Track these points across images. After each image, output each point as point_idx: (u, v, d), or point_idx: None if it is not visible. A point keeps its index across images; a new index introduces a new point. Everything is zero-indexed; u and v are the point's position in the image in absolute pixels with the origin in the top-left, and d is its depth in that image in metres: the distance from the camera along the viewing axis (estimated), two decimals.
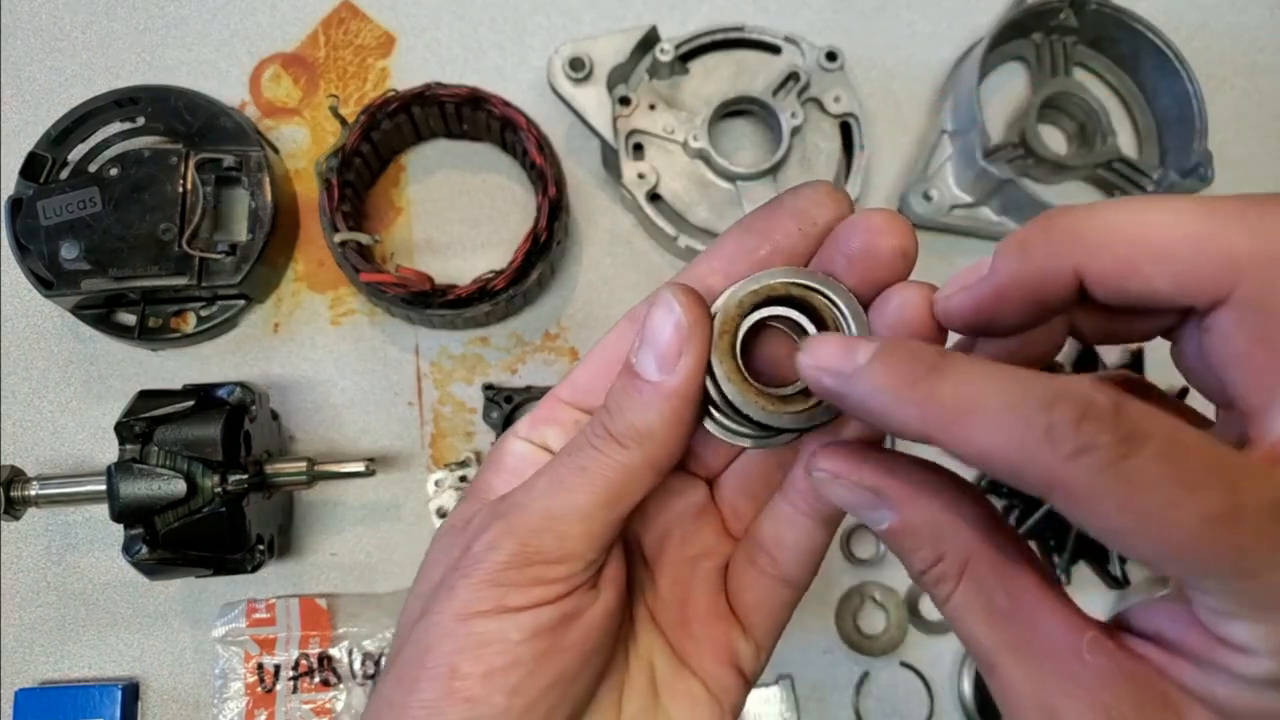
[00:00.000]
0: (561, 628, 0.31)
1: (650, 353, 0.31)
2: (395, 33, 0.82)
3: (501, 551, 0.31)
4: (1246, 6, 0.84)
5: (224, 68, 0.80)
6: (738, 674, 0.36)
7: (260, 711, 0.69)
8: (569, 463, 0.32)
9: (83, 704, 0.68)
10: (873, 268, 0.31)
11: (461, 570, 0.31)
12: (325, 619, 0.70)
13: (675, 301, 0.31)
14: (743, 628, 0.36)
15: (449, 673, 0.30)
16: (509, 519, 0.31)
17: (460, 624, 0.30)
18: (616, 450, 0.31)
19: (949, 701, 0.73)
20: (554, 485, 0.32)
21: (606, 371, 0.35)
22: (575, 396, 0.36)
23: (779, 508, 0.36)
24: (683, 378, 0.31)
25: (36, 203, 0.70)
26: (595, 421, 0.32)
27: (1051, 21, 0.79)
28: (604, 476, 0.31)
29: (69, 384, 0.75)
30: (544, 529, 0.31)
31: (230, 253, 0.71)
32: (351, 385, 0.75)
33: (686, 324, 0.30)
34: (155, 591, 0.72)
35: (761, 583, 0.36)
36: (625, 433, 0.31)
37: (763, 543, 0.36)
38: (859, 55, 0.81)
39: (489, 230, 0.78)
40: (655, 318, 0.31)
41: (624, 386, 0.32)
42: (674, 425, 0.31)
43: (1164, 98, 0.78)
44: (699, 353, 0.31)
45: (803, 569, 0.36)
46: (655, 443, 0.31)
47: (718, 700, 0.35)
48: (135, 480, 0.61)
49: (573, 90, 0.74)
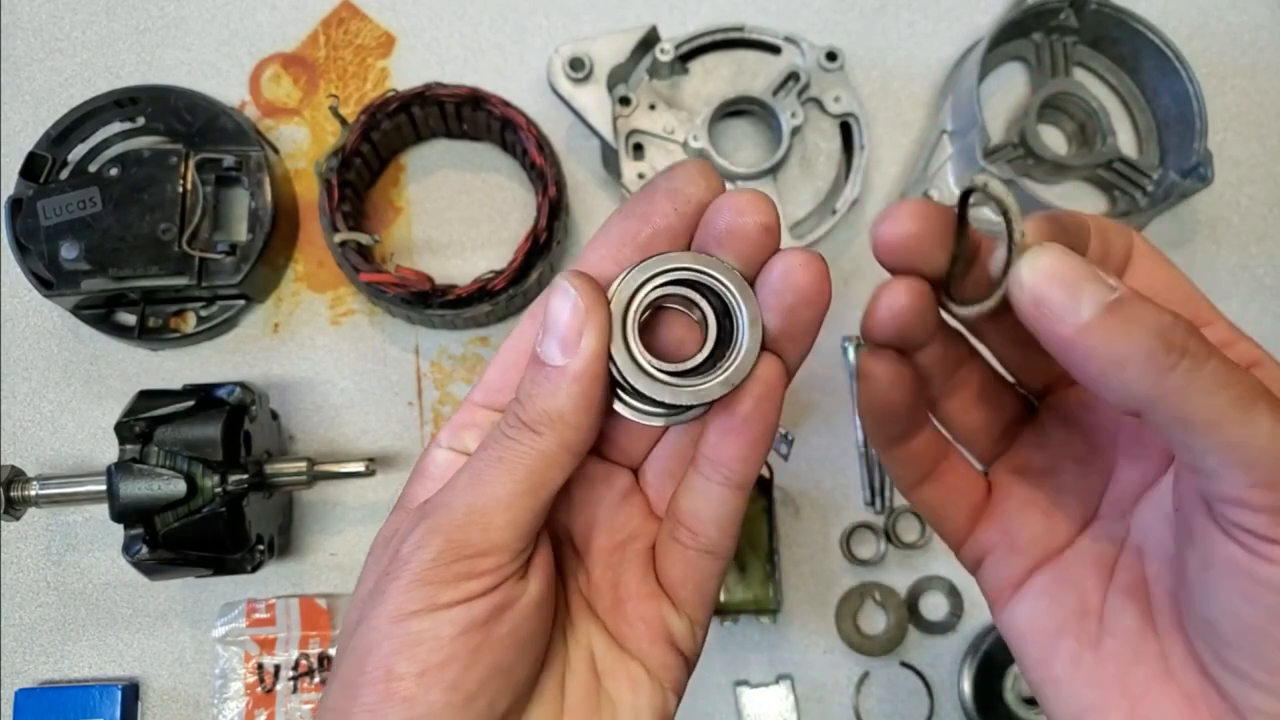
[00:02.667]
0: (493, 620, 0.31)
1: (553, 339, 0.32)
2: (395, 33, 0.82)
3: (428, 550, 0.31)
4: (1247, 6, 0.84)
5: (224, 68, 0.80)
6: (675, 651, 0.37)
7: (260, 711, 0.69)
8: (486, 456, 0.33)
9: (83, 704, 0.68)
10: (743, 245, 0.32)
11: (391, 574, 0.31)
12: (325, 619, 0.70)
13: (570, 286, 0.31)
14: (673, 603, 0.37)
15: (386, 675, 0.30)
16: (433, 518, 0.32)
17: (394, 625, 0.31)
18: (531, 438, 0.32)
19: (949, 701, 0.73)
20: (474, 480, 0.32)
21: (515, 369, 0.35)
22: (489, 398, 0.37)
23: (692, 481, 0.36)
24: (586, 358, 0.31)
25: (36, 203, 0.70)
26: (508, 413, 0.33)
27: (1051, 21, 0.79)
28: (521, 465, 0.32)
29: (69, 384, 0.75)
30: (468, 523, 0.31)
31: (230, 253, 0.71)
32: (351, 385, 0.75)
33: (583, 306, 0.31)
34: (155, 592, 0.72)
35: (685, 556, 0.36)
36: (537, 419, 0.32)
37: (681, 517, 0.36)
38: (859, 55, 0.81)
39: (489, 230, 0.78)
40: (553, 304, 0.32)
41: (532, 375, 0.32)
42: (583, 406, 0.32)
43: (1164, 98, 0.78)
44: (599, 332, 0.31)
45: (723, 538, 0.36)
46: (568, 426, 0.32)
47: (658, 680, 0.36)
48: (135, 480, 0.61)
49: (573, 90, 0.74)
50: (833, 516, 0.74)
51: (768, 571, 0.69)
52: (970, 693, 0.71)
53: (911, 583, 0.74)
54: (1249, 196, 0.81)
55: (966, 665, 0.72)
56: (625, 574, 0.37)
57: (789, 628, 0.73)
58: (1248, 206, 0.81)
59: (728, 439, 0.34)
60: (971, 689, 0.71)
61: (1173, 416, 0.27)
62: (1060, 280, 0.28)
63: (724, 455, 0.34)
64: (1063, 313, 0.28)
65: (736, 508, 0.36)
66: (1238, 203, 0.81)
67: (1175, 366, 0.27)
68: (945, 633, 0.73)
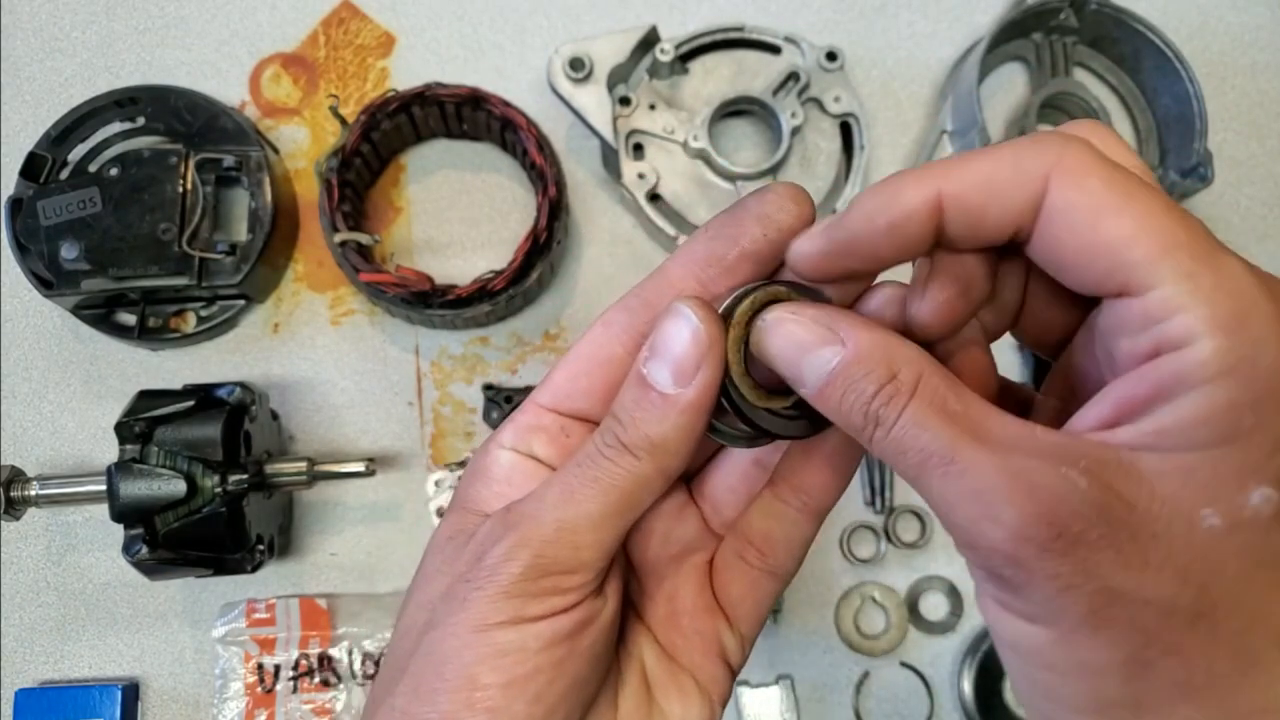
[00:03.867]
0: (576, 635, 0.31)
1: (664, 363, 0.31)
2: (395, 33, 0.81)
3: (516, 563, 0.31)
4: (1247, 6, 0.84)
5: (224, 68, 0.80)
6: (725, 666, 0.37)
7: (260, 712, 0.69)
8: (580, 474, 0.32)
9: (83, 704, 0.68)
10: None
11: (475, 582, 0.31)
12: (325, 619, 0.70)
13: (693, 313, 0.31)
14: (729, 620, 0.37)
15: (469, 684, 0.30)
16: (522, 530, 0.31)
17: (478, 635, 0.30)
18: (629, 461, 0.31)
19: (949, 702, 0.73)
20: (566, 496, 0.32)
21: (585, 375, 0.35)
22: (556, 401, 0.36)
23: (769, 504, 0.36)
24: (699, 391, 0.31)
25: (36, 203, 0.70)
26: (606, 431, 0.32)
27: (1051, 21, 0.79)
28: (616, 487, 0.32)
29: (69, 384, 0.75)
30: (558, 540, 0.31)
31: (230, 253, 0.71)
32: (351, 385, 0.75)
33: (706, 338, 0.31)
34: (155, 592, 0.72)
35: (749, 576, 0.37)
36: (638, 444, 0.31)
37: (751, 538, 0.36)
38: (859, 55, 0.81)
39: (489, 230, 0.78)
40: (670, 329, 0.31)
41: (636, 398, 0.32)
42: (687, 435, 0.31)
43: (1164, 98, 0.78)
44: (717, 367, 0.31)
45: (791, 561, 0.37)
46: (668, 452, 0.31)
47: (707, 693, 0.36)
48: (135, 480, 0.61)
49: (573, 90, 0.74)
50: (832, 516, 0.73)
51: None
52: (970, 693, 0.71)
53: (911, 583, 0.74)
54: (1249, 197, 0.81)
55: (967, 665, 0.72)
56: (681, 587, 0.37)
57: (789, 628, 0.73)
58: (1248, 207, 0.81)
59: (815, 468, 0.35)
60: (972, 689, 0.71)
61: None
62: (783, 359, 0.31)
63: (809, 483, 0.35)
64: (795, 384, 0.31)
65: (810, 533, 0.36)
66: (1238, 203, 0.80)
67: (870, 437, 0.29)
68: (945, 633, 0.73)
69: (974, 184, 0.28)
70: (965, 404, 0.28)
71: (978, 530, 0.26)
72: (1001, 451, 0.27)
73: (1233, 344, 0.25)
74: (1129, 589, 0.25)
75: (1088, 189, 0.27)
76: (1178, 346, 0.25)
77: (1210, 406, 0.25)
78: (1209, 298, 0.25)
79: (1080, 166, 0.27)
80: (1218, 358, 0.25)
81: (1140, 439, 0.26)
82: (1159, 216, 0.26)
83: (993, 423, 0.28)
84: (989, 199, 0.28)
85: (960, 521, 0.27)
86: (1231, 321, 0.25)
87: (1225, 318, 0.25)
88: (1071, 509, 0.25)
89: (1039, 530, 0.25)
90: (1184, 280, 0.25)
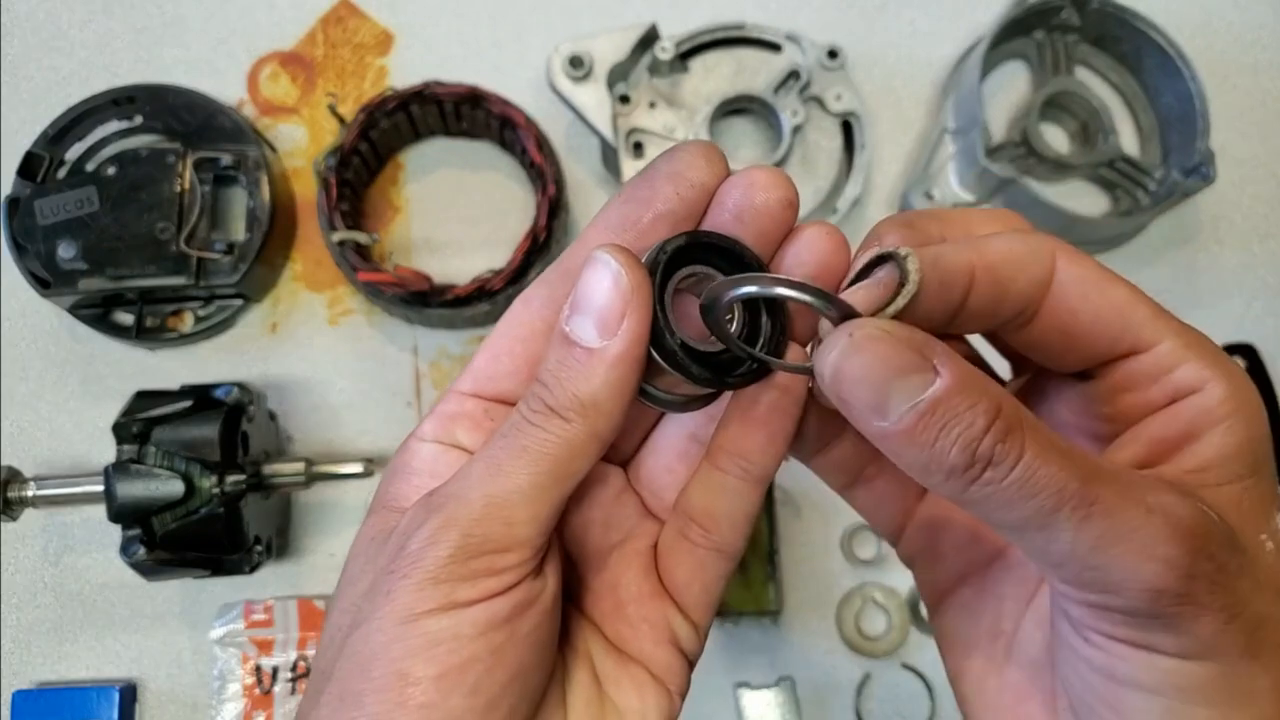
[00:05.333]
0: (515, 619, 0.29)
1: (587, 317, 0.29)
2: (394, 31, 0.81)
3: (443, 546, 0.28)
4: (1249, 5, 0.84)
5: (222, 66, 0.80)
6: (679, 654, 0.35)
7: (258, 713, 0.69)
8: (506, 445, 0.30)
9: (80, 705, 0.68)
10: (764, 223, 0.31)
11: (399, 572, 0.29)
12: (323, 620, 0.70)
13: (612, 258, 0.29)
14: (678, 606, 0.35)
15: (399, 680, 0.27)
16: (445, 511, 0.29)
17: (405, 626, 0.28)
18: (558, 425, 0.29)
19: (950, 703, 0.72)
20: (492, 470, 0.30)
21: (507, 355, 0.33)
22: (478, 386, 0.34)
23: (707, 475, 0.34)
24: (627, 341, 0.29)
25: (34, 202, 0.70)
26: (531, 398, 0.30)
27: (1053, 20, 0.79)
28: (546, 454, 0.29)
29: (66, 384, 0.75)
30: (487, 516, 0.29)
31: (228, 252, 0.71)
32: (349, 385, 0.75)
33: (629, 281, 0.29)
34: (153, 593, 0.71)
35: (695, 555, 0.35)
36: (567, 405, 0.29)
37: (693, 514, 0.35)
38: (860, 53, 0.81)
39: (488, 229, 0.77)
40: (591, 279, 0.29)
41: (560, 357, 0.30)
42: (619, 392, 0.29)
43: (1166, 96, 0.78)
44: (644, 313, 0.29)
45: (737, 535, 0.35)
46: (600, 413, 0.29)
47: (662, 683, 0.34)
48: (133, 481, 0.61)
49: (572, 88, 0.74)
50: (833, 517, 0.74)
51: (768, 572, 0.69)
52: None
53: (913, 584, 0.74)
54: (1251, 195, 0.80)
55: None
56: (624, 575, 0.35)
57: (790, 629, 0.73)
58: (1250, 206, 0.80)
59: (751, 429, 0.32)
60: None
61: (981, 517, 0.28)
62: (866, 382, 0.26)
63: (745, 446, 0.33)
64: (868, 414, 0.27)
65: (753, 503, 0.34)
66: (1240, 202, 0.80)
67: (977, 479, 0.26)
68: None
69: (1003, 258, 0.29)
70: (1067, 441, 0.27)
71: (1136, 573, 0.25)
72: (1130, 488, 0.26)
73: (1233, 387, 0.28)
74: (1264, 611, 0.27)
75: (1087, 265, 0.30)
76: (1193, 390, 0.28)
77: (1237, 441, 0.28)
78: (1200, 350, 0.29)
79: (1074, 250, 0.30)
80: (1229, 398, 0.28)
81: (1184, 476, 0.28)
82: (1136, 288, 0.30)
83: (1099, 460, 0.27)
84: (1017, 272, 0.29)
85: (1109, 566, 0.26)
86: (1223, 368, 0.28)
87: (1217, 365, 0.28)
88: (1219, 542, 0.26)
89: (1205, 565, 0.26)
90: (1179, 336, 0.29)
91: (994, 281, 0.29)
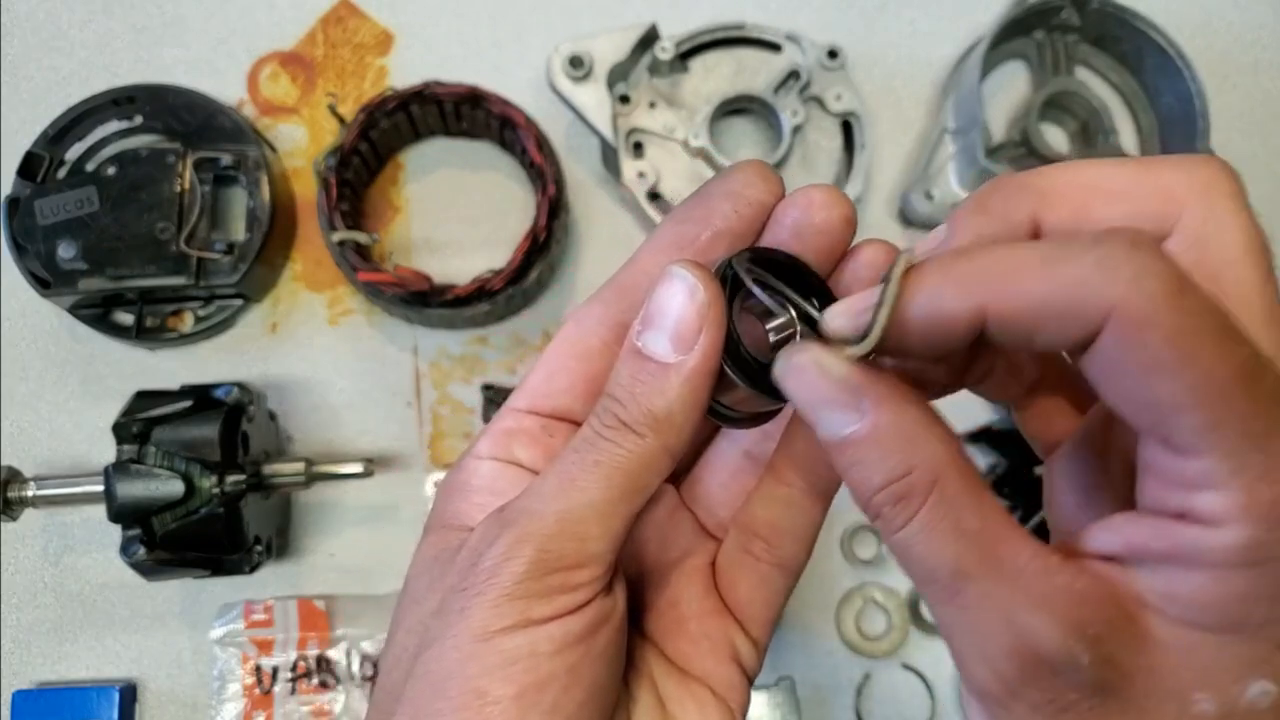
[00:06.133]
0: (590, 636, 0.29)
1: (661, 332, 0.29)
2: (394, 31, 0.81)
3: (518, 562, 0.28)
4: (1249, 5, 0.84)
5: (221, 66, 0.80)
6: (740, 671, 0.35)
7: (258, 713, 0.69)
8: (578, 459, 0.30)
9: (80, 705, 0.68)
10: (822, 240, 0.31)
11: (472, 589, 0.28)
12: (323, 620, 0.70)
13: (690, 274, 0.29)
14: (738, 622, 0.35)
15: (476, 698, 0.27)
16: (519, 526, 0.29)
17: (482, 644, 0.28)
18: (631, 439, 0.29)
19: (951, 703, 0.72)
20: (566, 485, 0.29)
21: (563, 372, 0.34)
22: (534, 402, 0.34)
23: (772, 490, 0.34)
24: (703, 355, 0.29)
25: (34, 202, 0.70)
26: (604, 412, 0.30)
27: (1053, 20, 0.79)
28: (619, 468, 0.29)
29: (66, 384, 0.75)
30: (562, 532, 0.29)
31: (228, 252, 0.71)
32: (349, 385, 0.75)
33: (706, 295, 0.29)
34: (153, 593, 0.71)
35: (758, 571, 0.35)
36: (640, 420, 0.29)
37: (756, 529, 0.35)
38: (860, 53, 0.81)
39: (488, 229, 0.77)
40: (665, 295, 0.29)
41: (634, 372, 0.29)
42: (691, 407, 0.29)
43: (1166, 96, 0.78)
44: (719, 328, 0.29)
45: (800, 550, 0.35)
46: (673, 427, 0.29)
47: (725, 701, 0.34)
48: (133, 481, 0.61)
49: (572, 88, 0.74)
50: (834, 517, 0.73)
51: None
52: None
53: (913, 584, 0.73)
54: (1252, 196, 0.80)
55: None
56: (684, 594, 0.35)
57: (790, 629, 0.73)
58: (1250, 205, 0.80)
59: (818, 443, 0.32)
60: None
61: None
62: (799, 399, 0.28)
63: (813, 458, 0.33)
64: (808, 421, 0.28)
65: (818, 518, 0.35)
66: None
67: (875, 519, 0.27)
68: None
69: (1024, 308, 0.25)
70: (983, 519, 0.26)
71: (970, 668, 0.26)
72: (1011, 592, 0.25)
73: (1265, 539, 0.23)
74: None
75: (1146, 344, 0.23)
76: (1205, 524, 0.24)
77: (1225, 593, 0.24)
78: (1249, 485, 0.23)
79: (1144, 315, 0.23)
80: (1244, 550, 0.23)
81: (1150, 593, 0.25)
82: (1222, 382, 0.23)
83: (1007, 548, 0.26)
84: (1038, 326, 0.25)
85: (956, 649, 0.27)
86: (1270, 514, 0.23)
87: (1263, 509, 0.23)
88: (1069, 682, 0.25)
89: (1033, 694, 0.25)
90: (1229, 459, 0.23)
91: (1006, 329, 0.25)
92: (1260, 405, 0.23)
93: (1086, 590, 0.25)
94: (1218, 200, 0.27)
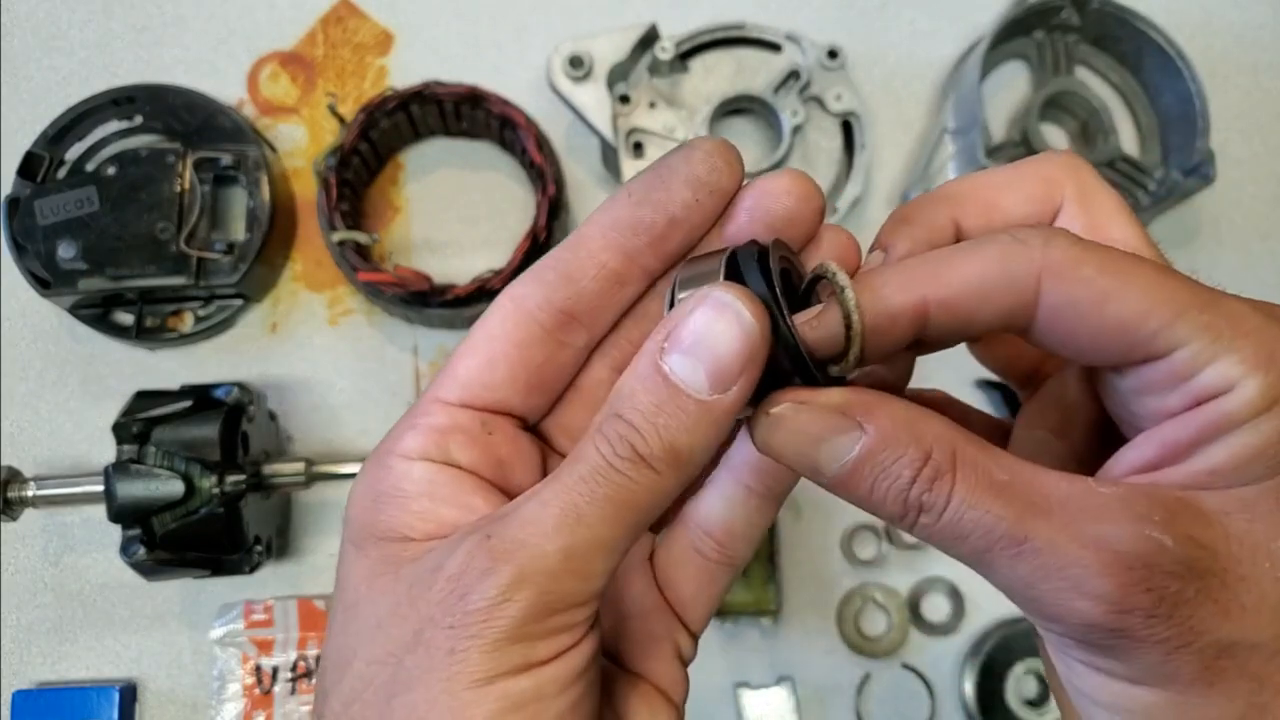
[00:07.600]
0: (587, 669, 0.28)
1: (702, 365, 0.26)
2: (394, 31, 0.81)
3: (518, 604, 0.26)
4: (1249, 5, 0.84)
5: (221, 66, 0.80)
6: (680, 665, 0.34)
7: (258, 713, 0.69)
8: (586, 492, 0.27)
9: (80, 705, 0.68)
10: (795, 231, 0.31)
11: (463, 629, 0.26)
12: (323, 620, 0.70)
13: (745, 310, 0.26)
14: (680, 620, 0.35)
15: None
16: (518, 562, 0.26)
17: (484, 690, 0.26)
18: (648, 476, 0.27)
19: (951, 703, 0.72)
20: (571, 519, 0.27)
21: (503, 360, 0.31)
22: (469, 395, 0.31)
23: (728, 490, 0.33)
24: (740, 396, 0.27)
25: (34, 202, 0.70)
26: (617, 440, 0.27)
27: (1053, 20, 0.79)
28: (631, 506, 0.27)
29: (66, 384, 0.74)
30: (565, 571, 0.27)
31: (228, 252, 0.71)
32: (349, 385, 0.75)
33: (760, 338, 0.26)
34: (153, 593, 0.71)
35: (706, 570, 0.34)
36: (661, 456, 0.27)
37: (710, 529, 0.34)
38: (860, 53, 0.81)
39: (488, 229, 0.77)
40: (712, 324, 0.26)
41: (662, 403, 0.27)
42: (715, 444, 0.27)
43: (1166, 96, 0.78)
44: (760, 368, 0.27)
45: (750, 550, 0.34)
46: (694, 464, 0.27)
47: (669, 697, 0.34)
48: (133, 481, 0.61)
49: (572, 88, 0.74)
50: (834, 517, 0.74)
51: (768, 572, 0.69)
52: (972, 694, 0.71)
53: (913, 584, 0.74)
54: (1251, 196, 0.80)
55: (968, 667, 0.72)
56: (625, 590, 0.34)
57: (790, 629, 0.73)
58: (1250, 206, 0.80)
59: None
60: (974, 691, 0.71)
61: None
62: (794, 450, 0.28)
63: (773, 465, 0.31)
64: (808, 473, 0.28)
65: (770, 518, 0.34)
66: (1240, 202, 0.80)
67: (915, 523, 0.27)
68: (947, 634, 0.73)
69: (963, 290, 0.27)
70: (1011, 471, 0.26)
71: (1068, 608, 0.25)
72: (1070, 520, 0.25)
73: (1272, 380, 0.25)
74: (1235, 638, 0.25)
75: (1084, 279, 0.26)
76: (1219, 392, 0.25)
77: (1262, 441, 0.25)
78: (1233, 345, 0.25)
79: (1070, 260, 0.26)
80: (1263, 395, 0.25)
81: (1193, 479, 0.26)
82: (1159, 284, 0.26)
83: (1046, 487, 0.26)
84: (980, 304, 0.27)
85: (1043, 600, 0.26)
86: (1264, 359, 0.25)
87: (1257, 357, 0.25)
88: (1165, 570, 0.24)
89: (1141, 599, 0.24)
90: (1204, 334, 0.25)
91: (952, 315, 0.27)
92: (1194, 285, 0.26)
93: (1133, 495, 0.26)
94: (1086, 178, 0.31)
